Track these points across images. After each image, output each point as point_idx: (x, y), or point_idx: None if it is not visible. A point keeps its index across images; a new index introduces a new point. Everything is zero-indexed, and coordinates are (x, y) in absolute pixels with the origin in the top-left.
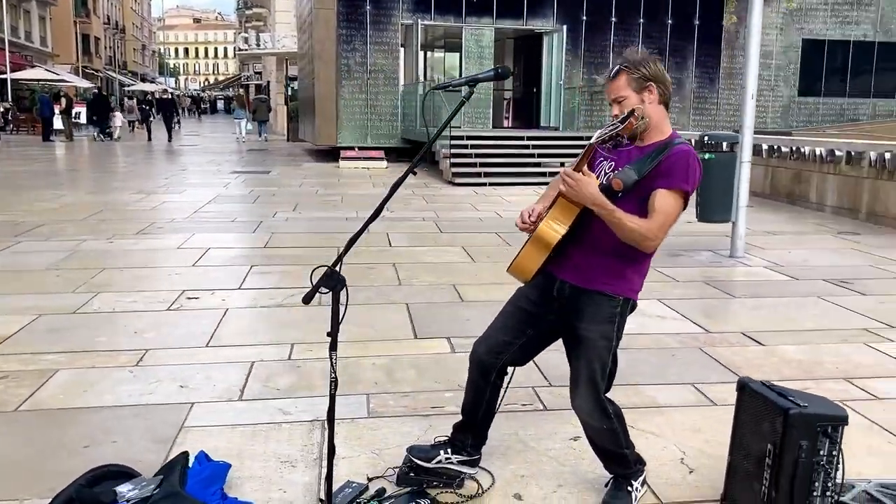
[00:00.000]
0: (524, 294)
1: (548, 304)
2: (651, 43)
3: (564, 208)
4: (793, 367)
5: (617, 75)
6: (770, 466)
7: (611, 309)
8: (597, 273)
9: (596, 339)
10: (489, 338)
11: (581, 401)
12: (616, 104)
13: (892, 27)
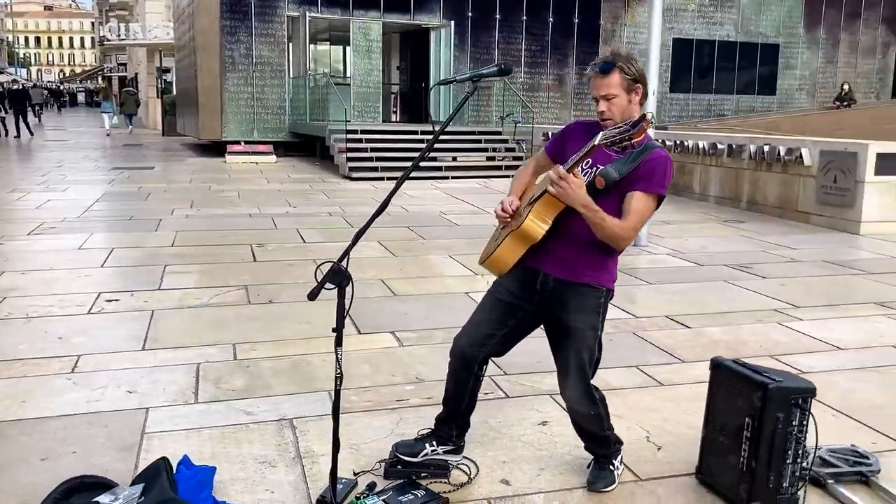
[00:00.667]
0: (504, 287)
1: (529, 296)
2: (533, 40)
3: (549, 205)
4: (721, 347)
5: (611, 72)
6: (749, 439)
7: (595, 299)
8: (580, 266)
9: (584, 330)
10: (471, 330)
11: (571, 390)
12: (604, 100)
13: (751, 28)
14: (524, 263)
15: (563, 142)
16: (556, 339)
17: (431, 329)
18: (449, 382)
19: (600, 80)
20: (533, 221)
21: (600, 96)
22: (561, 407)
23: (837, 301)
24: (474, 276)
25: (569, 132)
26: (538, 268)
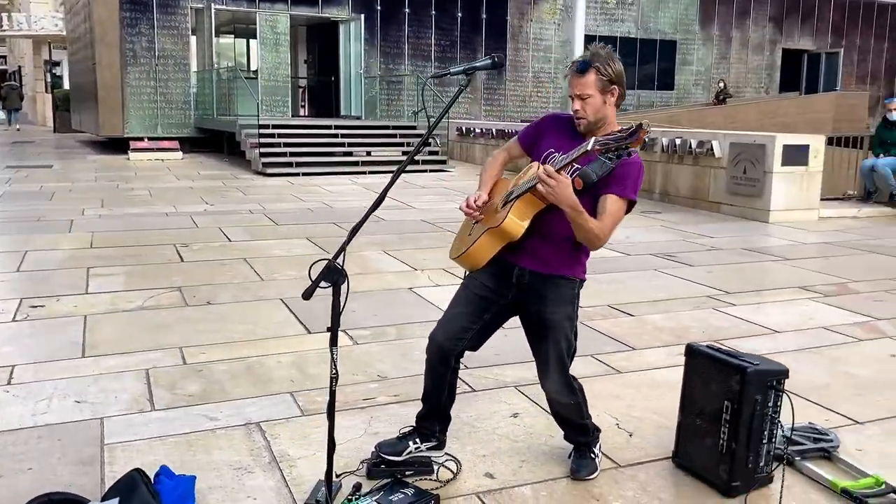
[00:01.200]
0: (478, 281)
1: (504, 290)
2: (443, 35)
3: (530, 203)
4: (667, 333)
5: (587, 71)
6: (728, 422)
7: (570, 291)
8: (555, 259)
9: (561, 321)
10: (447, 325)
11: (552, 382)
12: (579, 99)
13: (650, 25)
14: (500, 259)
15: (539, 134)
16: (534, 332)
17: (383, 326)
18: (427, 379)
19: (576, 79)
20: (513, 220)
21: (575, 95)
22: (528, 398)
23: (763, 286)
24: (413, 272)
25: (545, 125)
26: (514, 262)
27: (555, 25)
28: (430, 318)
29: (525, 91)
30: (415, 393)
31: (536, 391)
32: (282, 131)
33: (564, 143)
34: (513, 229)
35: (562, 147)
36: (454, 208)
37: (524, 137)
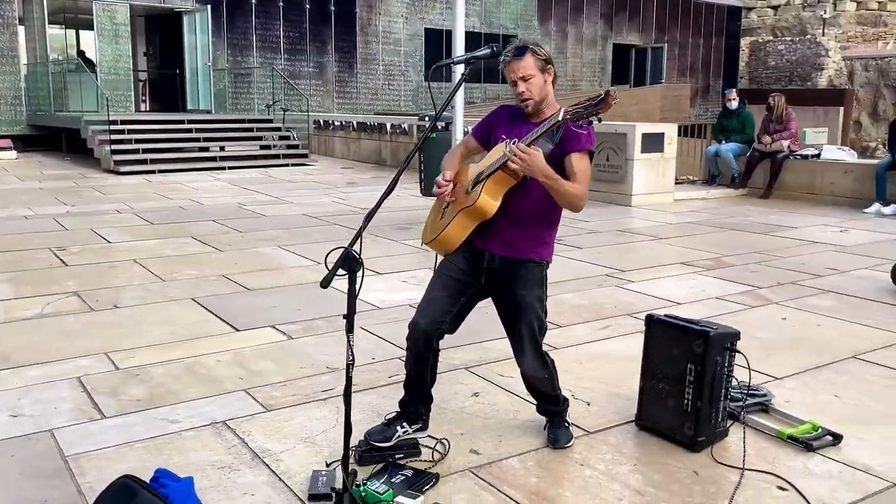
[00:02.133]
0: (454, 265)
1: (477, 274)
2: (292, 27)
3: (500, 182)
4: (584, 310)
5: (524, 54)
6: (693, 383)
7: (540, 273)
8: (524, 243)
9: (533, 302)
10: (428, 309)
11: (528, 359)
12: (522, 81)
13: (493, 20)
14: (472, 244)
15: (491, 126)
16: (507, 313)
17: (311, 320)
18: (411, 365)
19: (517, 63)
20: (486, 199)
21: (518, 78)
22: (482, 378)
23: (650, 264)
24: (318, 265)
25: (496, 117)
26: (485, 248)
27: (402, 19)
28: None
29: (377, 84)
30: (372, 381)
31: (486, 371)
32: (132, 127)
33: (512, 130)
34: (486, 207)
35: (515, 134)
36: (332, 202)
37: (478, 131)
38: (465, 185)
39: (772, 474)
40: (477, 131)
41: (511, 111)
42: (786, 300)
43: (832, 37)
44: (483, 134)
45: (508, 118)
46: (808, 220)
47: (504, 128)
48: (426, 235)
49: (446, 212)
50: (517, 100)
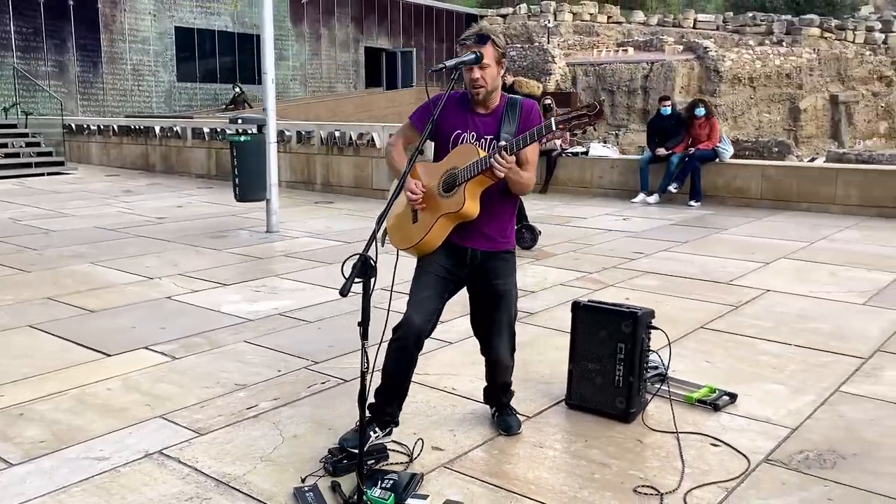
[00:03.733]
0: (438, 264)
1: (459, 269)
2: (25, 22)
3: (480, 184)
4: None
5: (486, 43)
6: (623, 360)
7: (513, 261)
8: (500, 235)
9: (511, 290)
10: (420, 308)
11: (504, 347)
12: (479, 69)
13: (246, 20)
14: (451, 242)
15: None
16: (487, 304)
17: (185, 338)
18: (395, 366)
19: (477, 48)
20: (471, 203)
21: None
22: None
23: None
24: (151, 281)
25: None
26: (466, 245)
27: (150, 16)
28: (223, 324)
29: (125, 85)
30: (294, 392)
31: (428, 376)
32: None
33: (463, 121)
34: (473, 212)
35: (463, 125)
36: (118, 212)
37: (420, 123)
38: (435, 188)
39: (701, 434)
40: (420, 121)
41: (457, 99)
42: (619, 282)
43: (556, 44)
44: (425, 122)
45: (457, 107)
46: (591, 210)
47: (454, 118)
48: (403, 240)
49: (420, 216)
50: (469, 85)
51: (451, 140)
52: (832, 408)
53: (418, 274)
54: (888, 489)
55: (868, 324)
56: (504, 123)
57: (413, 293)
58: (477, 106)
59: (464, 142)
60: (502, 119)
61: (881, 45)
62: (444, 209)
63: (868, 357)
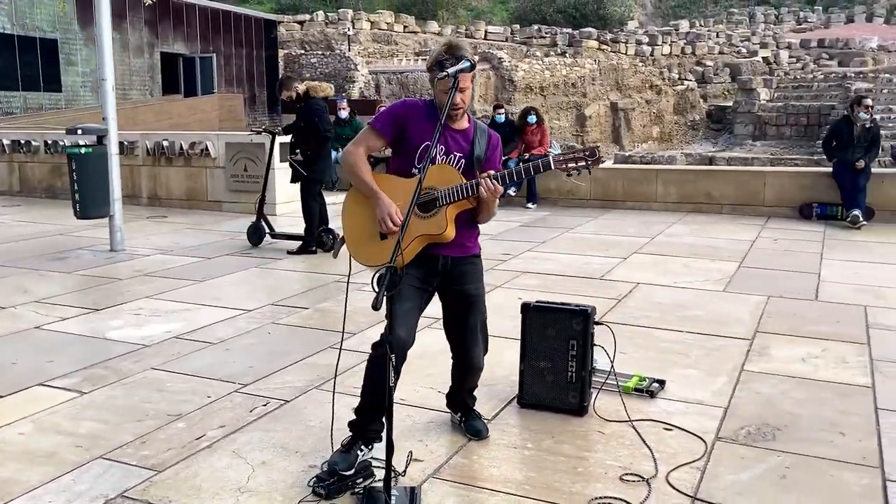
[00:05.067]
0: (411, 275)
1: (432, 279)
2: None
3: (457, 207)
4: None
5: (473, 70)
6: (575, 356)
7: (480, 265)
8: (469, 240)
9: (481, 293)
10: (404, 321)
11: (479, 350)
12: (460, 92)
13: (27, 22)
14: (423, 252)
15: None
16: (460, 309)
17: (83, 369)
18: (382, 381)
19: (464, 75)
20: (451, 226)
21: (460, 87)
22: (342, 393)
23: None
24: (6, 310)
25: (407, 115)
26: (438, 253)
27: None
28: (118, 352)
29: None
30: (236, 418)
31: (340, 386)
32: None
33: (441, 137)
34: (451, 235)
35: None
36: None
37: (389, 127)
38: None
39: (652, 420)
40: (388, 128)
41: (418, 109)
42: (504, 283)
43: (356, 52)
44: (393, 132)
45: (419, 117)
46: None
47: (418, 128)
48: (366, 258)
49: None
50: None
51: (419, 151)
52: (746, 386)
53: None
54: (828, 452)
55: (735, 308)
56: (476, 146)
57: (391, 307)
58: (450, 120)
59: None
60: (473, 141)
61: (649, 56)
62: (423, 230)
63: (752, 339)
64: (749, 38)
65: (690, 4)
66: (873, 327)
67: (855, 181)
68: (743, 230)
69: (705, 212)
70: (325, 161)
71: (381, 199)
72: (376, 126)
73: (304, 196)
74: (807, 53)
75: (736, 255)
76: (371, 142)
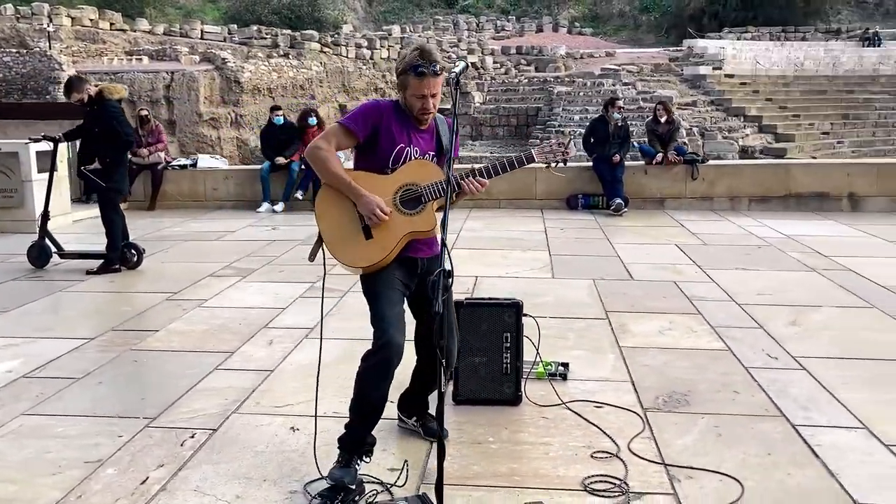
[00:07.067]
0: (396, 279)
1: (412, 282)
2: None
3: (437, 202)
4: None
5: (441, 74)
6: (509, 348)
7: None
8: (434, 242)
9: (451, 294)
10: (398, 324)
11: (452, 345)
12: (431, 98)
13: None
14: (401, 255)
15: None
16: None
17: None
18: (382, 388)
19: (434, 80)
20: (437, 223)
21: (430, 94)
22: (276, 414)
23: (192, 280)
24: None
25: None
26: (415, 256)
27: None
28: None
29: None
30: (172, 455)
31: (272, 407)
32: None
33: (406, 135)
34: (436, 230)
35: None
36: None
37: (361, 130)
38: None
39: (583, 400)
40: (361, 127)
41: (389, 110)
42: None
43: (59, 50)
44: (367, 131)
45: (392, 118)
46: (232, 224)
47: (393, 129)
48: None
49: (377, 233)
50: (418, 112)
51: (394, 154)
52: (632, 360)
53: (379, 290)
54: (737, 409)
55: (574, 293)
56: (442, 138)
57: (383, 311)
58: (419, 123)
59: (408, 157)
60: (436, 134)
61: (369, 59)
62: (412, 227)
63: (607, 318)
64: (457, 44)
65: (399, 10)
66: (694, 299)
67: (613, 173)
68: (530, 222)
69: (486, 207)
70: (124, 168)
71: (364, 194)
72: (349, 125)
73: (104, 209)
74: (508, 59)
75: (539, 245)
76: (341, 140)
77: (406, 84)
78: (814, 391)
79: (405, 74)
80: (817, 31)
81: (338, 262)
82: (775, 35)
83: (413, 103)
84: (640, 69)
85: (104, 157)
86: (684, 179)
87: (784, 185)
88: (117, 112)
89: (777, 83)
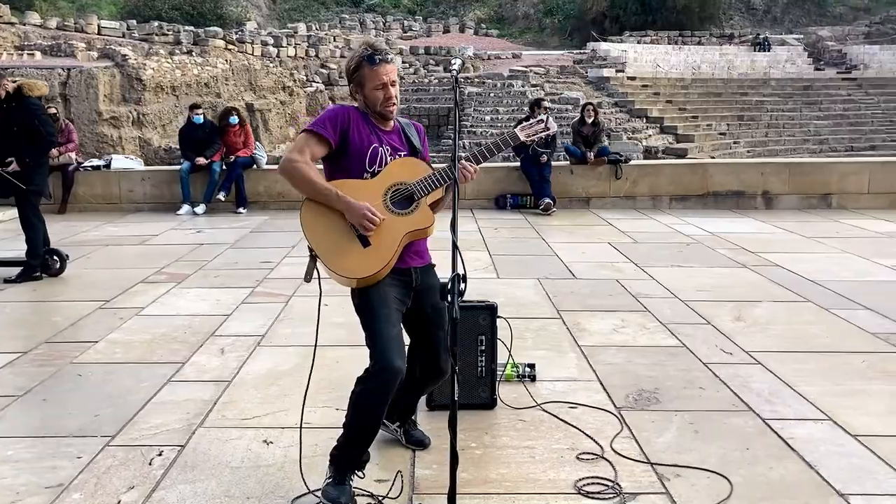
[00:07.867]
0: (391, 296)
1: (407, 296)
2: None
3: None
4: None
5: (392, 59)
6: (484, 351)
7: (436, 273)
8: (424, 249)
9: (445, 306)
10: (395, 346)
11: (445, 362)
12: (392, 86)
13: None
14: (395, 268)
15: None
16: (428, 322)
17: None
18: (378, 411)
19: (390, 66)
20: (432, 221)
21: (390, 83)
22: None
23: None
24: None
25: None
26: (408, 267)
27: None
28: None
29: None
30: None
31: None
32: None
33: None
34: (433, 229)
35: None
36: None
37: (333, 136)
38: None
39: (557, 402)
40: (332, 133)
41: (355, 113)
42: (303, 291)
43: None
44: (338, 137)
45: (358, 121)
46: (155, 227)
47: (361, 132)
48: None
49: (374, 239)
50: (382, 105)
51: (369, 155)
52: (595, 359)
53: (376, 307)
54: (706, 405)
55: (523, 292)
56: (413, 140)
57: (380, 331)
58: (380, 122)
59: (382, 156)
60: (404, 135)
61: (276, 57)
62: (411, 225)
63: (560, 317)
64: None
65: (304, 8)
66: (639, 297)
67: (541, 173)
68: (462, 222)
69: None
70: (45, 169)
71: (351, 202)
72: (320, 131)
73: (24, 213)
74: (417, 59)
75: (477, 244)
76: (315, 148)
77: (363, 79)
78: (774, 385)
79: (359, 70)
80: (712, 36)
81: (331, 276)
82: (673, 39)
83: (375, 96)
84: (547, 71)
85: (23, 157)
86: (608, 179)
87: (702, 183)
88: (39, 110)
89: (676, 85)
